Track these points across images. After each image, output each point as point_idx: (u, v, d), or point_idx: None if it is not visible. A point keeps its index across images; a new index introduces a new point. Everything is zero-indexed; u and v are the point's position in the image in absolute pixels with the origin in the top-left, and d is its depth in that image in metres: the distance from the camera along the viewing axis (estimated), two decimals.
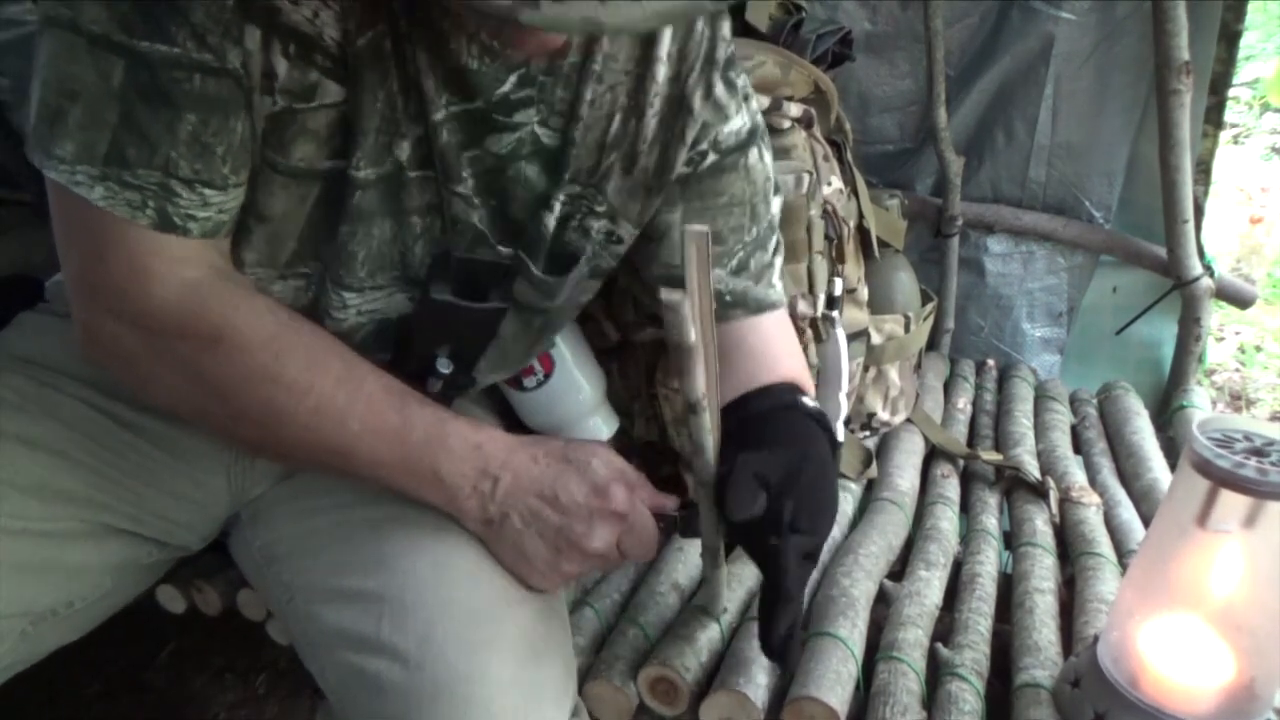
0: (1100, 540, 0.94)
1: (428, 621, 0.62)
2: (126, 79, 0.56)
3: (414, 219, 0.68)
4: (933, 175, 1.47)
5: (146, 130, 0.57)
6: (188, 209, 0.60)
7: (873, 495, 1.03)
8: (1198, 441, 0.60)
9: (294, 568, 0.73)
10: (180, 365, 0.63)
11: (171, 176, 0.58)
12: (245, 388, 0.62)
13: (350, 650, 0.64)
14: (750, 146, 0.76)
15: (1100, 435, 1.24)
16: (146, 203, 0.59)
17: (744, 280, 0.77)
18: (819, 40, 1.08)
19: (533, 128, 0.67)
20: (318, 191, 0.65)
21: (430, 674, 0.60)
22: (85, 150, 0.57)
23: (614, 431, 0.96)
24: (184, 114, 0.57)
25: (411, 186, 0.66)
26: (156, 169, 0.58)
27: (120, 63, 0.55)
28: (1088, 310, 1.48)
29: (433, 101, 0.63)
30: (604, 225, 0.73)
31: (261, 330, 0.63)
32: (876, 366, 1.09)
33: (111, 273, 0.61)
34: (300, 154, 0.62)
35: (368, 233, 0.67)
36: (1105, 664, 0.67)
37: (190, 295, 0.61)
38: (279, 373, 0.62)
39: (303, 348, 0.64)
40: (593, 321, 0.97)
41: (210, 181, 0.60)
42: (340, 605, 0.66)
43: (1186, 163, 1.25)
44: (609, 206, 0.73)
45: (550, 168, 0.69)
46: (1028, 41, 1.33)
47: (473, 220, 0.69)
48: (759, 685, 0.73)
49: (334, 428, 0.63)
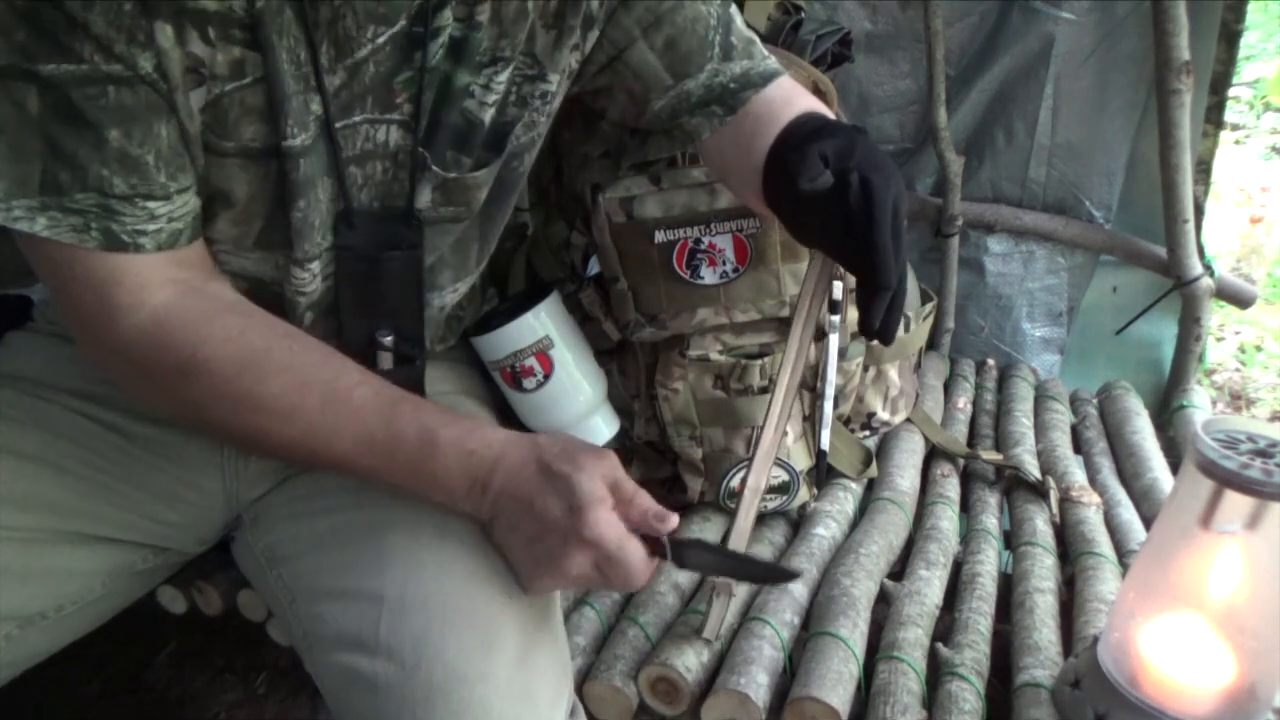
0: (1100, 540, 0.94)
1: (424, 623, 0.62)
2: (42, 105, 0.54)
3: (351, 169, 0.68)
4: (933, 175, 1.47)
5: (73, 154, 0.56)
6: (134, 225, 0.59)
7: (873, 495, 1.03)
8: (1203, 442, 0.60)
9: (295, 569, 0.73)
10: (163, 392, 0.63)
11: (109, 196, 0.57)
12: (229, 415, 0.62)
13: (347, 651, 0.64)
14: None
15: (1100, 435, 1.24)
16: (89, 225, 0.57)
17: (739, 62, 0.76)
18: (818, 41, 1.07)
19: (450, 28, 0.66)
20: (275, 170, 0.65)
21: (426, 675, 0.60)
22: (19, 185, 0.56)
23: (614, 432, 0.96)
24: (106, 130, 0.56)
25: (340, 138, 0.66)
26: (92, 190, 0.57)
27: (32, 89, 0.54)
28: (1088, 310, 1.48)
29: (355, 39, 0.63)
30: (537, 86, 0.73)
31: (236, 357, 0.62)
32: (876, 366, 1.09)
33: (80, 306, 0.61)
34: (250, 134, 0.62)
35: (316, 198, 0.67)
36: (1105, 664, 0.67)
37: (157, 328, 0.60)
38: (260, 398, 0.62)
39: (279, 370, 0.63)
40: (593, 321, 0.97)
41: (150, 194, 0.59)
42: (339, 606, 0.66)
43: (1187, 162, 1.25)
44: (539, 66, 0.73)
45: (463, 57, 0.68)
46: (1028, 41, 1.33)
47: (413, 145, 0.69)
48: (760, 685, 0.73)
49: (324, 448, 0.63)
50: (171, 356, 0.61)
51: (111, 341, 0.61)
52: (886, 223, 0.63)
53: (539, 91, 0.73)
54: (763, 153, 0.71)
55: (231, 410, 0.62)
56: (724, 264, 0.88)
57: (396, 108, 0.67)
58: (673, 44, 0.75)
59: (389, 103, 0.66)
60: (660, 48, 0.74)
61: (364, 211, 0.70)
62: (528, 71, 0.72)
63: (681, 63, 0.75)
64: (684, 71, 0.75)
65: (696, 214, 0.87)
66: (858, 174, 0.63)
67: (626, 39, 0.74)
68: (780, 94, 0.77)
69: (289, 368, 0.63)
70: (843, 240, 0.66)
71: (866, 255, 0.64)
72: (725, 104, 0.76)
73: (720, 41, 0.76)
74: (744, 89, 0.76)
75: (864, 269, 0.65)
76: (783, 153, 0.69)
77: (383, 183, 0.70)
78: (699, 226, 0.87)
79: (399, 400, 0.64)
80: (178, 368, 0.61)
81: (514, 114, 0.73)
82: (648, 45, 0.74)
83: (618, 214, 0.88)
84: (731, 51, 0.76)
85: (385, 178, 0.70)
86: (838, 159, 0.65)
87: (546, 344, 0.89)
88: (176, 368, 0.61)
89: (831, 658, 0.74)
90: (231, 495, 0.80)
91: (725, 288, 0.89)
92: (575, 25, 0.72)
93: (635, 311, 0.92)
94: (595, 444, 0.94)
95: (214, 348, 0.61)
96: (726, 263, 0.88)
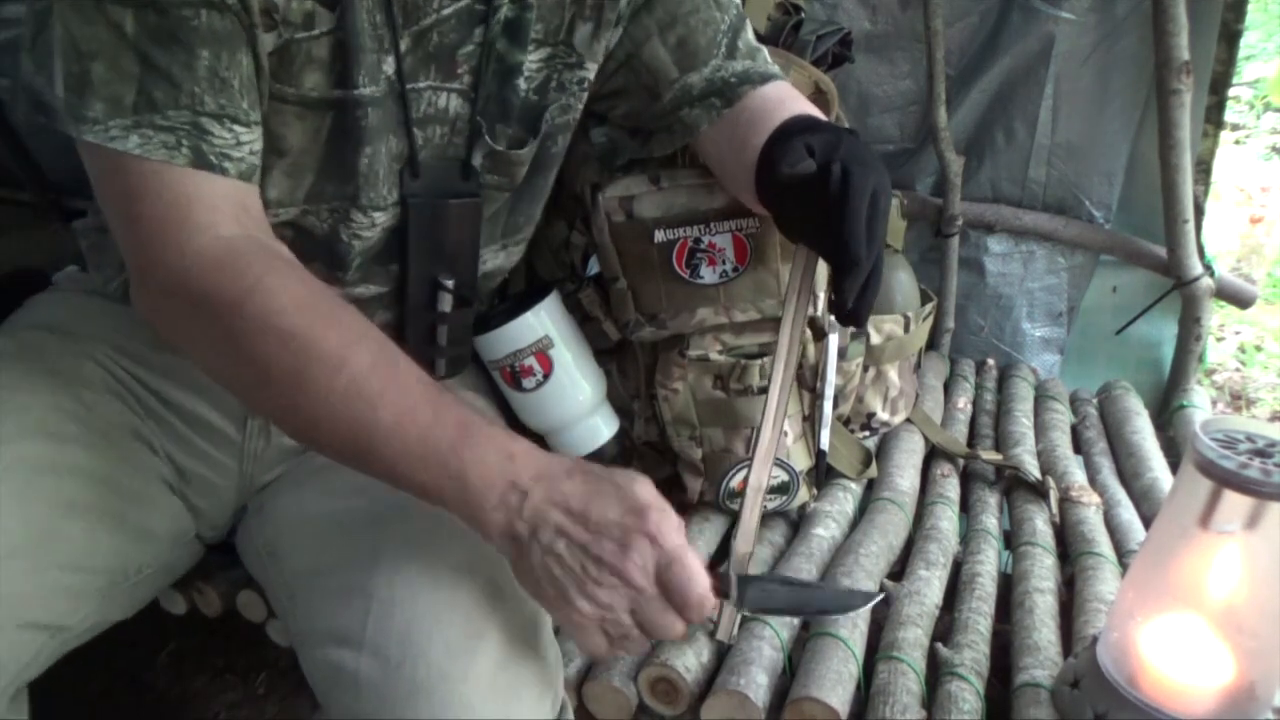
0: (1100, 540, 0.94)
1: (411, 620, 0.62)
2: (138, 26, 0.58)
3: (415, 131, 0.72)
4: (933, 175, 1.47)
5: (167, 71, 0.59)
6: (222, 147, 0.61)
7: (873, 495, 1.03)
8: (1201, 442, 0.60)
9: (292, 563, 0.73)
10: (212, 322, 0.61)
11: (200, 114, 0.60)
12: (276, 351, 0.59)
13: (335, 646, 0.64)
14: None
15: (1100, 435, 1.24)
16: (181, 142, 0.60)
17: (741, 61, 0.81)
18: (818, 41, 1.07)
19: (505, 8, 0.72)
20: (330, 121, 0.68)
21: (410, 673, 0.60)
22: (114, 105, 0.59)
23: (614, 432, 0.96)
24: (198, 50, 0.59)
25: (408, 99, 0.70)
26: (184, 108, 0.59)
27: (129, 12, 0.57)
28: (1088, 310, 1.48)
29: (423, 8, 0.68)
30: (575, 74, 0.79)
31: (296, 293, 0.61)
32: (876, 366, 1.09)
33: (149, 224, 0.61)
34: (310, 83, 0.66)
35: (382, 149, 0.71)
36: (1105, 664, 0.67)
37: (225, 249, 0.61)
38: (312, 342, 0.59)
39: (338, 323, 0.61)
40: (593, 321, 0.97)
41: (235, 117, 0.62)
42: (330, 600, 0.66)
43: (1187, 162, 1.25)
44: (578, 55, 0.78)
45: (516, 37, 0.73)
46: (1028, 41, 1.33)
47: (471, 114, 0.74)
48: (759, 685, 0.73)
49: (365, 410, 0.59)
50: (234, 283, 0.60)
51: (177, 261, 0.60)
52: (861, 206, 0.66)
53: (578, 78, 0.79)
54: (756, 149, 0.73)
55: (279, 346, 0.59)
56: (724, 263, 0.88)
57: (458, 78, 0.72)
58: (683, 42, 0.80)
59: (451, 72, 0.72)
60: (672, 44, 0.79)
61: (426, 163, 0.74)
62: (567, 59, 0.78)
63: (688, 58, 0.80)
64: (689, 66, 0.80)
65: (696, 213, 0.87)
66: (840, 165, 0.66)
67: (645, 36, 0.79)
68: (777, 94, 0.80)
69: (348, 323, 0.61)
70: (822, 229, 0.68)
71: (839, 235, 0.66)
72: (724, 96, 0.80)
73: (727, 43, 0.80)
74: (742, 84, 0.80)
75: (836, 250, 0.67)
76: (770, 145, 0.72)
77: (440, 146, 0.75)
78: (699, 226, 0.87)
79: (447, 390, 0.62)
80: (236, 296, 0.59)
81: (553, 96, 0.79)
82: (660, 42, 0.79)
83: (617, 213, 0.88)
84: (736, 52, 0.81)
85: (443, 142, 0.75)
86: (823, 152, 0.69)
87: (546, 344, 0.90)
88: (234, 296, 0.59)
89: (831, 658, 0.74)
90: (245, 478, 0.82)
91: (725, 287, 0.89)
92: (612, 19, 0.77)
93: (635, 311, 0.92)
94: (595, 444, 0.95)
95: (278, 279, 0.61)
96: (726, 262, 0.88)
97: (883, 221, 0.68)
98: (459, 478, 0.58)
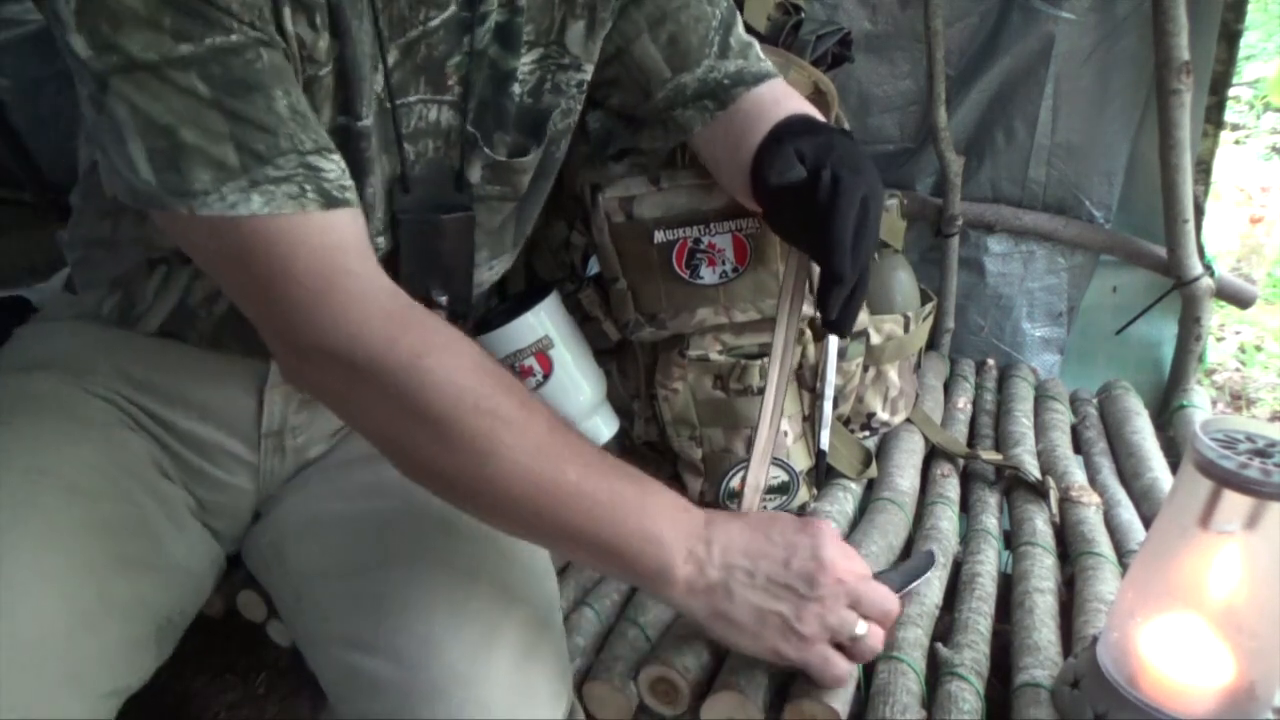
0: (1100, 540, 0.94)
1: (426, 623, 0.62)
2: (210, 85, 0.53)
3: (406, 146, 0.70)
4: (933, 175, 1.47)
5: (258, 120, 0.55)
6: (337, 179, 0.58)
7: (873, 495, 1.03)
8: (1201, 442, 0.60)
9: (300, 565, 0.73)
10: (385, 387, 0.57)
11: (305, 153, 0.56)
12: (459, 413, 0.57)
13: (349, 649, 0.64)
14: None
15: (1100, 435, 1.24)
16: (304, 189, 0.56)
17: (734, 60, 0.79)
18: (818, 41, 1.07)
19: (494, 14, 0.69)
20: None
21: (426, 675, 0.60)
22: (220, 170, 0.54)
23: (614, 432, 0.97)
24: (273, 92, 0.56)
25: (398, 115, 0.68)
26: (289, 152, 0.55)
27: (191, 72, 0.53)
28: (1088, 310, 1.48)
29: (408, 19, 0.65)
30: (572, 76, 0.77)
31: (469, 352, 0.59)
32: (876, 366, 1.09)
33: (299, 293, 0.56)
34: (325, 117, 0.64)
35: (379, 174, 0.69)
36: (1105, 664, 0.67)
37: (383, 307, 0.58)
38: (495, 405, 0.58)
39: (511, 385, 0.60)
40: (593, 321, 0.97)
41: (328, 146, 0.58)
42: (342, 603, 0.66)
43: (1187, 162, 1.25)
44: (572, 56, 0.76)
45: (508, 42, 0.71)
46: (1028, 41, 1.33)
47: (462, 125, 0.72)
48: (759, 685, 0.73)
49: (552, 470, 0.58)
50: (406, 343, 0.57)
51: (340, 328, 0.56)
52: (849, 216, 0.66)
53: (575, 80, 0.77)
54: (751, 149, 0.73)
55: (464, 407, 0.57)
56: (723, 264, 0.88)
57: (449, 89, 0.70)
58: (674, 40, 0.78)
59: (441, 84, 0.69)
60: (663, 42, 0.77)
61: (418, 178, 0.72)
62: (560, 60, 0.75)
63: (680, 57, 0.78)
64: (681, 66, 0.78)
65: (696, 214, 0.87)
66: (830, 170, 0.66)
67: (635, 31, 0.77)
68: (771, 94, 0.79)
69: (517, 386, 0.61)
70: (811, 234, 0.69)
71: (825, 246, 0.66)
72: (717, 98, 0.79)
73: (719, 41, 0.78)
74: (736, 85, 0.78)
75: (823, 260, 0.68)
76: (761, 151, 0.72)
77: (434, 160, 0.73)
78: (698, 226, 0.88)
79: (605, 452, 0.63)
80: (409, 358, 0.57)
81: (550, 100, 0.76)
82: (651, 39, 0.77)
83: (617, 214, 0.88)
84: (728, 51, 0.79)
85: (437, 155, 0.73)
86: (815, 157, 0.68)
87: (546, 344, 0.90)
88: (408, 358, 0.57)
89: None
90: (261, 495, 0.81)
91: (725, 287, 0.89)
92: (606, 18, 0.75)
93: (635, 311, 0.92)
94: (595, 443, 0.95)
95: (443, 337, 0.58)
96: (726, 262, 0.88)
97: (872, 231, 0.68)
98: (651, 535, 0.59)
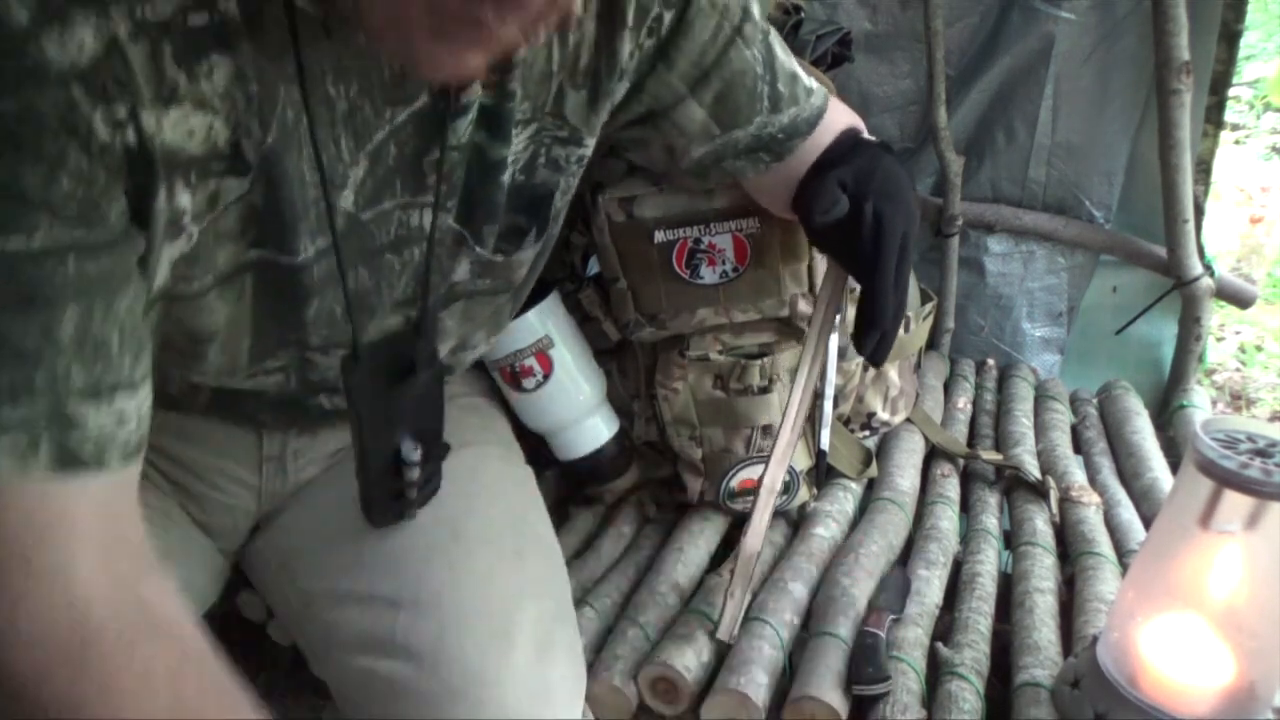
0: (1100, 540, 0.94)
1: (442, 623, 0.62)
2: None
3: (388, 257, 0.62)
4: (933, 175, 1.47)
5: (16, 343, 0.43)
6: (101, 435, 0.47)
7: (873, 495, 1.03)
8: (1202, 442, 0.60)
9: (306, 573, 0.73)
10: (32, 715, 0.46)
11: (64, 394, 0.45)
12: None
13: (365, 653, 0.64)
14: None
15: (1100, 435, 1.24)
16: (37, 443, 0.44)
17: (787, 110, 0.74)
18: (818, 41, 1.08)
19: (479, 100, 0.59)
20: (251, 282, 0.56)
21: (444, 676, 0.60)
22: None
23: (614, 432, 0.97)
24: (60, 309, 0.44)
25: (371, 228, 0.60)
26: (39, 391, 0.44)
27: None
28: (1088, 310, 1.48)
29: (373, 123, 0.56)
30: (570, 151, 0.67)
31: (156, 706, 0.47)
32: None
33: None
34: (223, 259, 0.55)
35: (338, 291, 0.59)
36: (1105, 664, 0.67)
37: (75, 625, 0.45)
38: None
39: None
40: (593, 321, 0.97)
41: (116, 384, 0.47)
42: (355, 609, 0.66)
43: (1187, 162, 1.25)
44: (571, 129, 0.66)
45: (496, 130, 0.61)
46: (1028, 41, 1.33)
47: (449, 224, 0.63)
48: (759, 685, 0.73)
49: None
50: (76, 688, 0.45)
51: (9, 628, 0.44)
52: (891, 264, 0.70)
53: (575, 156, 0.68)
54: (797, 181, 0.75)
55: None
56: (724, 264, 0.88)
57: (428, 189, 0.60)
58: (722, 99, 0.71)
59: (420, 184, 0.60)
60: (709, 102, 0.71)
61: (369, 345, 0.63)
62: (558, 133, 0.66)
63: (730, 116, 0.72)
64: (732, 123, 0.73)
65: (696, 214, 0.87)
66: (872, 205, 0.68)
67: (674, 97, 0.70)
68: (827, 123, 0.77)
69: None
70: (854, 263, 0.74)
71: (868, 294, 0.71)
72: (772, 151, 0.75)
73: (769, 93, 0.73)
74: (791, 138, 0.75)
75: (865, 302, 0.72)
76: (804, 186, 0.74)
77: (420, 265, 0.63)
78: (699, 226, 0.87)
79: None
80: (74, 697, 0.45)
81: (546, 176, 0.67)
82: (696, 102, 0.71)
83: (617, 214, 0.88)
84: (780, 102, 0.73)
85: (422, 261, 0.63)
86: (856, 184, 0.70)
87: (546, 344, 0.90)
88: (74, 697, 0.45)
89: (831, 658, 0.74)
90: (262, 513, 0.79)
91: (725, 288, 0.89)
92: (611, 89, 0.66)
93: (635, 311, 0.92)
94: (595, 444, 0.95)
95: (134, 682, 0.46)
96: (726, 262, 0.88)
97: (907, 265, 0.72)
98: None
